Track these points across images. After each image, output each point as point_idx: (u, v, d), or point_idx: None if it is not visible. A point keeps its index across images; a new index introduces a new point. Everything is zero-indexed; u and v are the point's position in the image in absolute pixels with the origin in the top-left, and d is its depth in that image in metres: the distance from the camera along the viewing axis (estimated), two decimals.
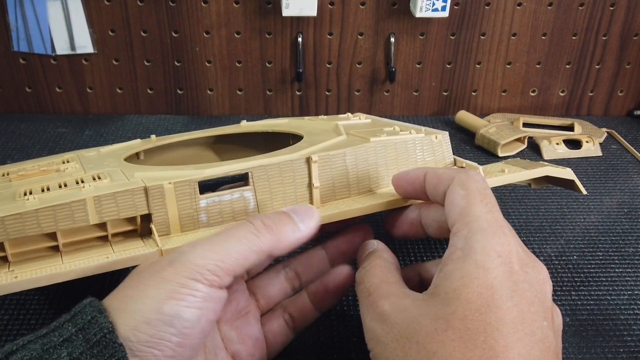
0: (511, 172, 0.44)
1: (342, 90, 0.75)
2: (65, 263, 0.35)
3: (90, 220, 0.36)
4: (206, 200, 0.39)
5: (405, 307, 0.30)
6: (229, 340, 0.36)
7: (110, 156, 0.48)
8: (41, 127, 0.71)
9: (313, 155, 0.41)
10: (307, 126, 0.53)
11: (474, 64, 0.74)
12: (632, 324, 0.44)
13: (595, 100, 0.78)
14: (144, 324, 0.29)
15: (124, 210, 0.37)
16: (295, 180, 0.41)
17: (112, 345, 0.28)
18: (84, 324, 0.29)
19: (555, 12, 0.71)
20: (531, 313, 0.29)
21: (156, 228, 0.37)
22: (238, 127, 0.56)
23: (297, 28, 0.70)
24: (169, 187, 0.38)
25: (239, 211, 0.40)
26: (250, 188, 0.40)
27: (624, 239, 0.53)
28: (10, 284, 0.33)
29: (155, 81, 0.73)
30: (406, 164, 0.44)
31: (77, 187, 0.38)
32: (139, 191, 0.37)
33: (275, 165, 0.40)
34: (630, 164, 0.66)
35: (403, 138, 0.44)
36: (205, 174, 0.39)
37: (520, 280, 0.29)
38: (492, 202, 0.32)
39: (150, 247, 0.36)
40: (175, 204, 0.38)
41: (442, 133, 0.46)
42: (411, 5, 0.68)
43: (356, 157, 0.42)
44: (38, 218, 0.35)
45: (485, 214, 0.31)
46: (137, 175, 0.39)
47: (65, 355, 0.27)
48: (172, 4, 0.68)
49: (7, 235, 0.35)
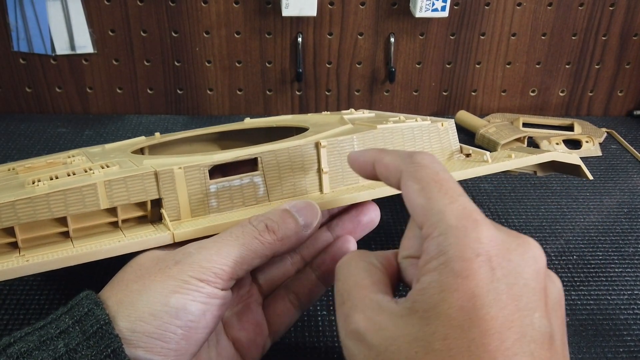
0: (518, 157, 0.44)
1: (342, 90, 0.75)
2: (76, 247, 0.35)
3: (101, 205, 0.36)
4: (216, 185, 0.39)
5: (381, 326, 0.27)
6: (229, 326, 0.36)
7: (116, 151, 0.49)
8: (41, 127, 0.71)
9: (322, 140, 0.41)
10: (311, 120, 0.53)
11: (474, 64, 0.74)
12: (632, 323, 0.44)
13: (595, 100, 0.78)
14: (150, 315, 0.29)
15: (134, 195, 0.37)
16: (304, 165, 0.41)
17: (108, 336, 0.28)
18: (81, 316, 0.29)
19: (555, 12, 0.71)
20: (520, 310, 0.26)
21: (167, 213, 0.38)
22: (242, 124, 0.56)
23: (297, 28, 0.70)
24: (179, 171, 0.38)
25: (249, 196, 0.40)
26: (259, 173, 0.40)
27: (624, 238, 0.53)
28: (22, 267, 0.33)
29: (155, 81, 0.73)
30: (413, 150, 0.44)
31: (86, 174, 0.38)
32: (149, 176, 0.37)
33: (284, 150, 0.40)
34: (630, 164, 0.66)
35: (410, 125, 0.44)
36: (214, 159, 0.39)
37: (504, 274, 0.27)
38: (452, 187, 0.29)
39: (162, 231, 0.36)
40: (186, 188, 0.38)
41: (448, 121, 0.46)
42: (411, 5, 0.69)
43: (364, 143, 0.42)
44: (49, 202, 0.35)
45: (449, 205, 0.28)
46: (146, 163, 0.40)
47: (62, 346, 0.28)
48: (172, 4, 0.68)
49: (18, 219, 0.35)
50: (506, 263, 0.27)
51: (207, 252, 0.32)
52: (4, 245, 0.36)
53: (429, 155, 0.31)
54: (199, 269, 0.31)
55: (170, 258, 0.32)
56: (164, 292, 0.30)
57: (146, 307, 0.29)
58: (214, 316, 0.31)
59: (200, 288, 0.30)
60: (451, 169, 0.43)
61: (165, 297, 0.30)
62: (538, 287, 0.27)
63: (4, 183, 0.41)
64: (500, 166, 0.43)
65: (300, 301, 0.38)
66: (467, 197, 0.29)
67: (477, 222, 0.27)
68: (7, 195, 0.36)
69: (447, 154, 0.46)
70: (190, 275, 0.30)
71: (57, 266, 0.34)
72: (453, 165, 0.44)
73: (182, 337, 0.30)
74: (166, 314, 0.29)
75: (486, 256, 0.27)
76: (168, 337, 0.29)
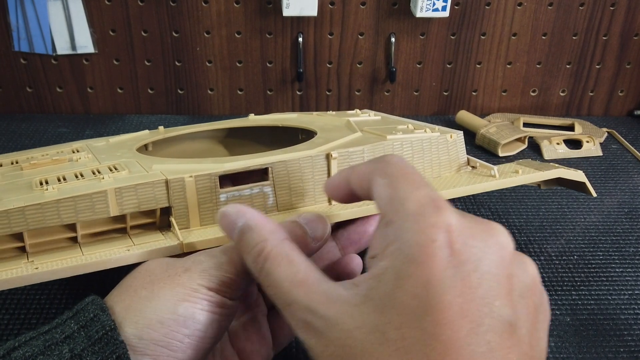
0: (524, 173, 0.44)
1: (342, 90, 0.75)
2: (85, 255, 0.35)
3: (111, 212, 0.36)
4: (226, 194, 0.39)
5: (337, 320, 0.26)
6: (235, 337, 0.36)
7: (121, 147, 0.48)
8: (42, 127, 0.72)
9: (333, 152, 0.41)
10: (317, 121, 0.53)
11: (475, 64, 0.74)
12: (633, 323, 0.44)
13: (595, 100, 0.78)
14: (158, 322, 0.29)
15: (144, 203, 0.37)
16: (314, 176, 0.41)
17: (113, 342, 0.28)
18: (86, 322, 0.29)
19: (556, 12, 0.71)
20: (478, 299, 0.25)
21: (176, 221, 0.38)
22: (247, 121, 0.56)
23: (297, 28, 0.70)
24: (189, 180, 0.38)
25: (258, 206, 0.40)
26: (269, 183, 0.40)
27: (625, 238, 0.53)
28: (31, 275, 0.33)
29: (156, 81, 0.73)
30: (422, 162, 0.44)
31: (95, 178, 0.38)
32: (160, 184, 0.37)
33: (295, 161, 0.40)
34: (631, 164, 0.66)
35: (419, 136, 0.44)
36: (225, 168, 0.39)
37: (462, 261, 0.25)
38: (417, 179, 0.28)
39: (171, 240, 0.36)
40: (196, 197, 0.38)
41: (457, 132, 0.46)
42: (411, 5, 0.69)
43: (374, 154, 0.42)
44: (59, 209, 0.35)
45: (412, 192, 0.27)
46: (155, 168, 0.39)
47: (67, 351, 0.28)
48: (173, 4, 0.68)
49: (27, 225, 0.35)
50: (466, 249, 0.26)
51: (217, 260, 0.31)
52: (12, 249, 0.36)
53: (397, 155, 0.31)
54: (209, 277, 0.30)
55: (179, 265, 0.31)
56: (172, 300, 0.29)
57: (154, 314, 0.29)
58: (222, 326, 0.31)
59: (209, 297, 0.30)
60: (459, 182, 0.43)
61: (174, 305, 0.29)
62: (502, 273, 0.26)
63: (9, 181, 0.40)
64: (508, 182, 0.43)
65: None
66: (432, 188, 0.28)
67: (439, 208, 0.26)
68: (16, 199, 0.36)
69: (455, 166, 0.46)
70: (200, 284, 0.30)
71: (67, 275, 0.34)
72: (460, 179, 0.44)
73: (188, 346, 0.29)
74: (174, 322, 0.29)
75: (444, 241, 0.26)
76: (175, 345, 0.29)
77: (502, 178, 0.43)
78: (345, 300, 0.26)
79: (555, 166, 0.47)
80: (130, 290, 0.31)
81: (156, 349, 0.29)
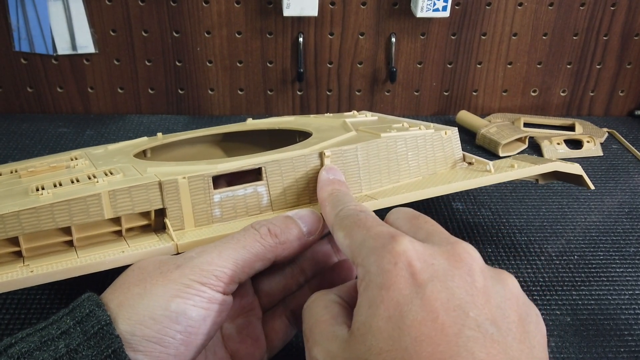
0: (520, 167, 0.44)
1: (342, 90, 0.75)
2: (80, 257, 0.35)
3: (105, 215, 0.36)
4: (220, 195, 0.39)
5: (335, 354, 0.28)
6: (229, 339, 0.36)
7: (118, 153, 0.49)
8: (42, 127, 0.72)
9: (326, 150, 0.41)
10: (314, 123, 0.53)
11: (475, 64, 0.74)
12: (633, 323, 0.44)
13: (596, 100, 0.78)
14: (150, 319, 0.29)
15: (138, 205, 0.37)
16: (308, 175, 0.41)
17: (109, 337, 0.28)
18: (82, 317, 0.29)
19: (556, 12, 0.71)
20: (451, 311, 0.26)
21: (170, 223, 0.38)
22: (244, 125, 0.56)
23: (298, 28, 0.70)
24: (183, 181, 0.38)
25: (252, 206, 0.40)
26: (263, 183, 0.40)
27: (625, 238, 0.53)
28: (26, 278, 0.34)
29: (156, 81, 0.73)
30: (416, 159, 0.44)
31: (90, 182, 0.38)
32: (154, 186, 0.37)
33: (288, 160, 0.40)
34: (631, 164, 0.66)
35: (413, 134, 0.44)
36: (218, 169, 0.39)
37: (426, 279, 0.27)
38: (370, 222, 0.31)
39: (166, 241, 0.36)
40: (190, 198, 0.38)
41: (452, 129, 0.46)
42: (412, 5, 0.69)
43: (368, 153, 0.42)
44: (53, 212, 0.35)
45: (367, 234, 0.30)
46: (149, 171, 0.40)
47: (63, 346, 0.28)
48: (173, 4, 0.69)
49: (22, 229, 0.35)
50: (428, 267, 0.27)
51: (209, 255, 0.32)
52: (8, 254, 0.36)
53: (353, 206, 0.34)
54: (200, 272, 0.31)
55: (171, 262, 0.32)
56: (164, 296, 0.30)
57: (146, 310, 0.29)
58: (214, 322, 0.31)
59: (202, 292, 0.30)
60: (454, 178, 0.43)
61: (166, 302, 0.30)
62: (473, 286, 0.27)
63: (7, 188, 0.41)
64: (503, 176, 0.43)
65: (297, 318, 0.38)
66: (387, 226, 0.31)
67: (394, 237, 0.29)
68: (12, 204, 0.36)
69: (450, 162, 0.46)
70: (192, 279, 0.30)
71: (62, 277, 0.34)
72: (456, 175, 0.44)
73: (181, 342, 0.30)
74: (166, 319, 0.29)
75: (405, 263, 0.27)
76: (167, 341, 0.29)
77: (498, 173, 0.43)
78: (341, 337, 0.28)
79: (552, 160, 0.47)
80: (123, 288, 0.31)
81: (149, 345, 0.29)
